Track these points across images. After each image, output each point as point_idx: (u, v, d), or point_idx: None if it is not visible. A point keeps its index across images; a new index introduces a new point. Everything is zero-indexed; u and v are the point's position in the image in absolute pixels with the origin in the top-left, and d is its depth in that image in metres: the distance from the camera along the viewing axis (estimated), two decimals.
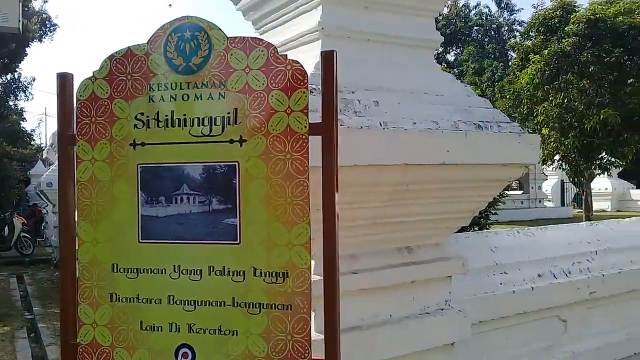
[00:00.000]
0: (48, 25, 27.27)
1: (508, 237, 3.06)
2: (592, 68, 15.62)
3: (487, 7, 50.15)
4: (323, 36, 2.00)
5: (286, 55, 1.34)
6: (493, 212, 10.97)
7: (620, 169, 29.16)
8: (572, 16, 16.54)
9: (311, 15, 2.05)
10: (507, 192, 29.13)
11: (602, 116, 15.46)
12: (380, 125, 1.82)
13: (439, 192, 2.12)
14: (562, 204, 29.44)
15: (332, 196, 1.30)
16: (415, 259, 2.22)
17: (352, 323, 1.96)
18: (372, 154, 1.74)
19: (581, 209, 31.96)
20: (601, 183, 31.74)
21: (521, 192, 29.72)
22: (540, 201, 28.58)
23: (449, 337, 2.21)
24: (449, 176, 2.05)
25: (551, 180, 30.14)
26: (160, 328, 1.34)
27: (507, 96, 18.04)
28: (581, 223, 3.56)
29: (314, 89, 1.69)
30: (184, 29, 1.33)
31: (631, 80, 15.98)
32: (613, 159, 18.09)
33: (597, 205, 31.89)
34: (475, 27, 48.75)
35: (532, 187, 28.19)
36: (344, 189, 1.60)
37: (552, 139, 16.66)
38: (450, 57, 51.55)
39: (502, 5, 48.61)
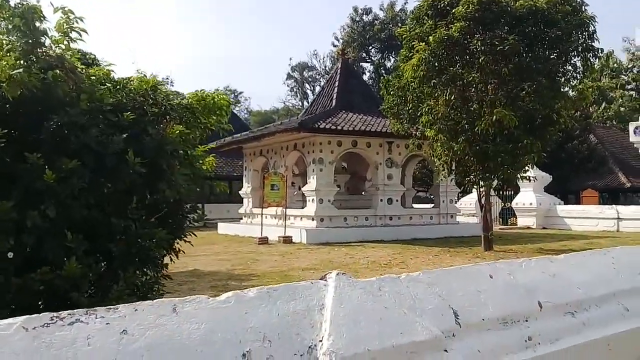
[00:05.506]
0: None
1: None
2: (483, 58, 12.83)
3: None
4: None
5: None
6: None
7: (533, 181, 26.82)
8: None
9: None
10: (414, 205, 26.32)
11: (495, 117, 12.66)
12: None
13: None
14: None
15: None
16: None
17: None
18: None
19: (505, 224, 29.45)
20: (526, 197, 29.18)
21: (432, 205, 26.93)
22: (452, 216, 25.78)
23: None
24: None
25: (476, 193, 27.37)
26: None
27: (392, 92, 15.08)
28: None
29: None
30: None
31: (531, 75, 13.25)
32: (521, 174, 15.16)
33: (521, 221, 29.24)
34: None
35: (443, 201, 25.31)
36: None
37: (440, 143, 13.75)
38: (390, 64, 49.17)
39: None
